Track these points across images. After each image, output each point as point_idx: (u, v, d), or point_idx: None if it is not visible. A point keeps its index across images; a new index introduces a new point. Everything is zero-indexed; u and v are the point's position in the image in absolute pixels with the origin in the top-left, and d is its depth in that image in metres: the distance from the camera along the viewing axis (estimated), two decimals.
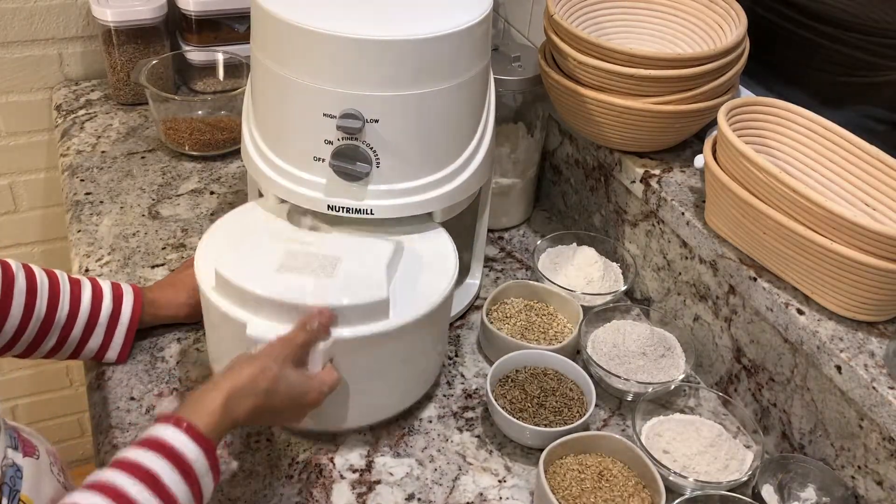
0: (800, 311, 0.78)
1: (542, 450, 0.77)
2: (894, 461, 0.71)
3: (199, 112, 1.26)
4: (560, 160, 1.17)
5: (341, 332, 0.73)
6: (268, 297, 0.72)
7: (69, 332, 0.82)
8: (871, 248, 0.71)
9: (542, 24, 0.98)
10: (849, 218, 0.71)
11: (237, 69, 1.32)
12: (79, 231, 1.08)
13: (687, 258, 0.93)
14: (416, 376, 0.85)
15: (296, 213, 0.85)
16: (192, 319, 0.93)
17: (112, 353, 0.87)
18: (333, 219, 0.84)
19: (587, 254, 1.02)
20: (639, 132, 0.94)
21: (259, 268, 0.75)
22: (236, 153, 1.25)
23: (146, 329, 0.91)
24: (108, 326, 0.85)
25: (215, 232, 0.84)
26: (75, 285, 0.83)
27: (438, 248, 0.85)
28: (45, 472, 0.73)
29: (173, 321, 0.92)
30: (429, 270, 0.82)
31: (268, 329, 0.72)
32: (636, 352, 0.89)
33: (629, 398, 0.90)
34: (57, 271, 0.83)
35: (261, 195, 0.94)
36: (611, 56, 0.89)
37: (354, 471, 0.81)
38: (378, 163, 0.81)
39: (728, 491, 0.76)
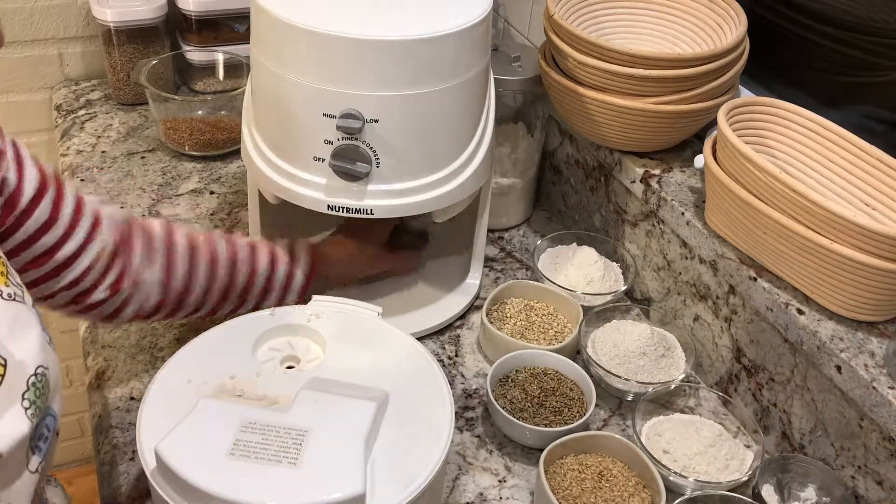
0: (800, 311, 0.78)
1: (542, 450, 0.77)
2: (894, 461, 0.71)
3: (199, 112, 1.26)
4: (560, 160, 1.17)
5: None
6: (216, 496, 0.59)
7: (246, 296, 0.84)
8: (871, 248, 0.71)
9: (542, 24, 0.98)
10: (849, 218, 0.71)
11: (237, 69, 1.32)
12: None
13: (687, 258, 0.94)
14: None
15: (264, 342, 0.74)
16: (366, 272, 0.95)
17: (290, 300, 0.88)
18: (311, 333, 0.74)
19: (587, 254, 1.02)
20: (639, 132, 0.94)
21: (207, 449, 0.61)
22: (236, 153, 1.25)
23: (146, 328, 0.91)
24: (282, 290, 0.86)
25: (163, 381, 0.69)
26: (253, 252, 0.84)
27: (431, 391, 0.71)
28: None
29: (349, 279, 0.94)
30: (418, 427, 0.67)
31: None
32: (636, 352, 0.89)
33: (629, 398, 0.90)
34: (239, 240, 0.84)
35: (261, 195, 0.94)
36: (611, 56, 0.89)
37: None
38: (378, 163, 0.81)
39: (728, 491, 0.76)
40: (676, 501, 0.74)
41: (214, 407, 0.65)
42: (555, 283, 0.98)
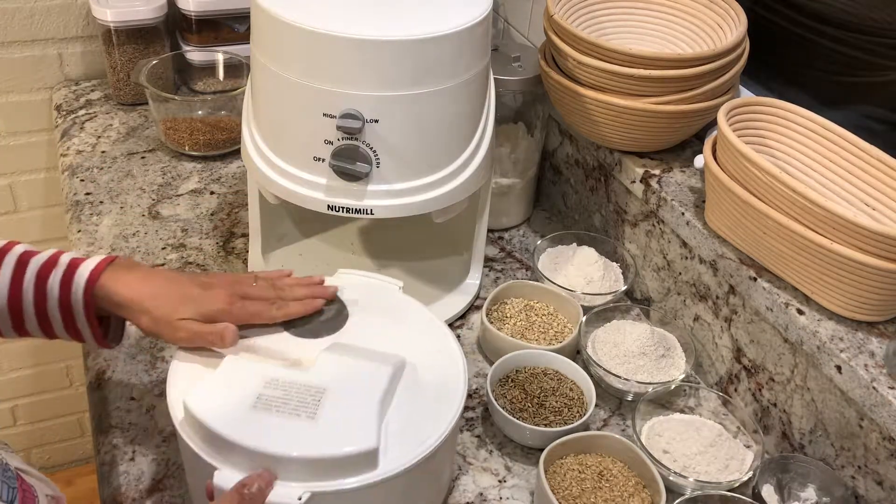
0: (800, 311, 0.78)
1: (542, 450, 0.77)
2: (894, 461, 0.71)
3: (199, 112, 1.26)
4: (560, 160, 1.17)
5: (320, 485, 0.62)
6: (237, 443, 0.62)
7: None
8: (871, 248, 0.71)
9: (542, 24, 0.98)
10: (849, 218, 0.71)
11: (237, 69, 1.32)
12: (79, 231, 1.08)
13: (687, 258, 0.94)
14: None
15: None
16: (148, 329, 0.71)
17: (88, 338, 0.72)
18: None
19: (587, 254, 1.02)
20: (639, 132, 0.94)
21: (232, 402, 0.65)
22: (236, 153, 1.25)
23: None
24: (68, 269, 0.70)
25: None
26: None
27: (447, 362, 0.73)
28: None
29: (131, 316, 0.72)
30: (433, 394, 0.70)
31: (235, 481, 0.62)
32: (636, 352, 0.89)
33: (629, 398, 0.90)
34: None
35: (261, 195, 0.94)
36: (610, 56, 0.89)
37: None
38: (378, 163, 0.81)
39: (728, 491, 0.76)
40: (676, 501, 0.74)
41: (240, 364, 0.69)
42: (555, 283, 0.98)
